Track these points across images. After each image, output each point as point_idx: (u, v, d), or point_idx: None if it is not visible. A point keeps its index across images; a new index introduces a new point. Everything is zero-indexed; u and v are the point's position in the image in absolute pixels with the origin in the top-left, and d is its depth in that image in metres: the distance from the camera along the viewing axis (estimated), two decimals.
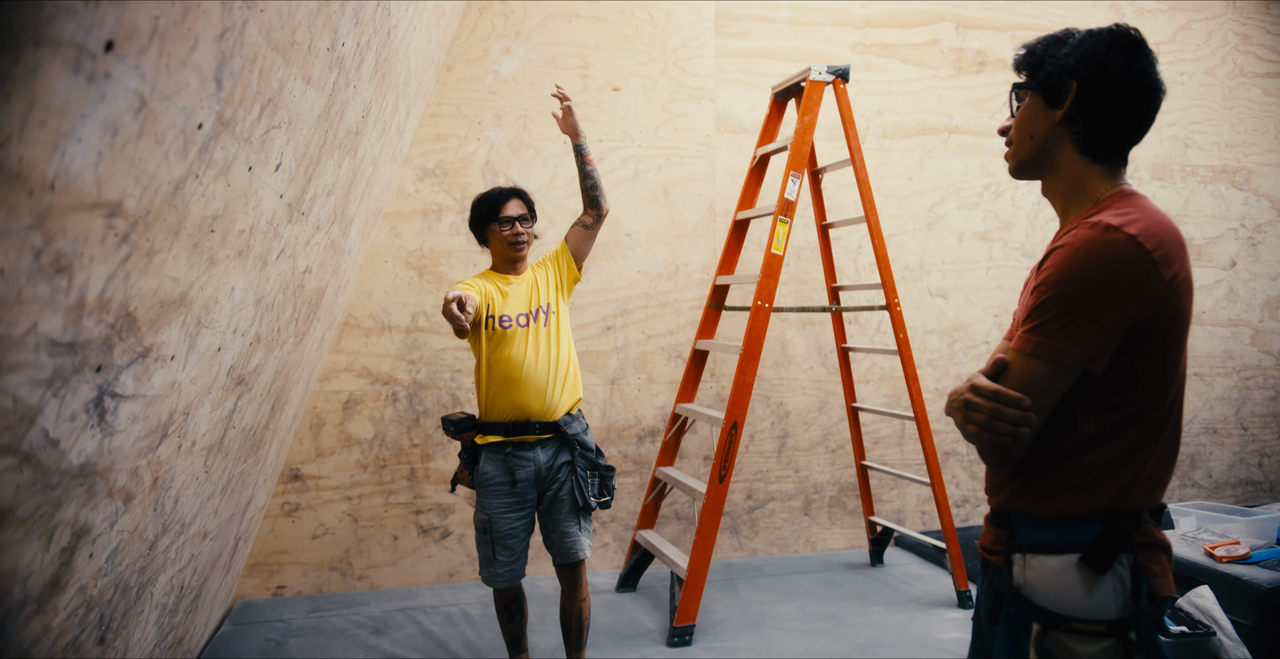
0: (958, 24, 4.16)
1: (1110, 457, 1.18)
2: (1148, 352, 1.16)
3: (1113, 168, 1.26)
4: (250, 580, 3.37)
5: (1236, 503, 4.60)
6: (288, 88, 1.43)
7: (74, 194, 0.84)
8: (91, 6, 0.76)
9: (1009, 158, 1.33)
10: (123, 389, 1.14)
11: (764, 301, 3.04)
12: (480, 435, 2.45)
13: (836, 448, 4.02)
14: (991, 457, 1.20)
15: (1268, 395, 4.67)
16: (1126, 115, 1.22)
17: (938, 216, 4.16)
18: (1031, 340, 1.16)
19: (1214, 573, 2.76)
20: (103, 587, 1.35)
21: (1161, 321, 1.15)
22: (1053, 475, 1.20)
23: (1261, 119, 4.64)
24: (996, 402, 1.14)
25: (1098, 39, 1.23)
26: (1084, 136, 1.24)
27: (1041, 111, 1.26)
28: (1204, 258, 4.57)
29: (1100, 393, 1.17)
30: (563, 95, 2.55)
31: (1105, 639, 1.12)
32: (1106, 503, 1.18)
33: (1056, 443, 1.20)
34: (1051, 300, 1.15)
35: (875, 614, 3.17)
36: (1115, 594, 1.14)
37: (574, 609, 2.51)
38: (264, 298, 1.79)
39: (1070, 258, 1.15)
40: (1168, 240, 1.15)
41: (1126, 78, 1.20)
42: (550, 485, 2.46)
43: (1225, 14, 4.58)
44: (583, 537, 2.47)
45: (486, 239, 2.51)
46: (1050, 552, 1.17)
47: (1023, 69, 1.30)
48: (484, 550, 2.44)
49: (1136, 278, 1.13)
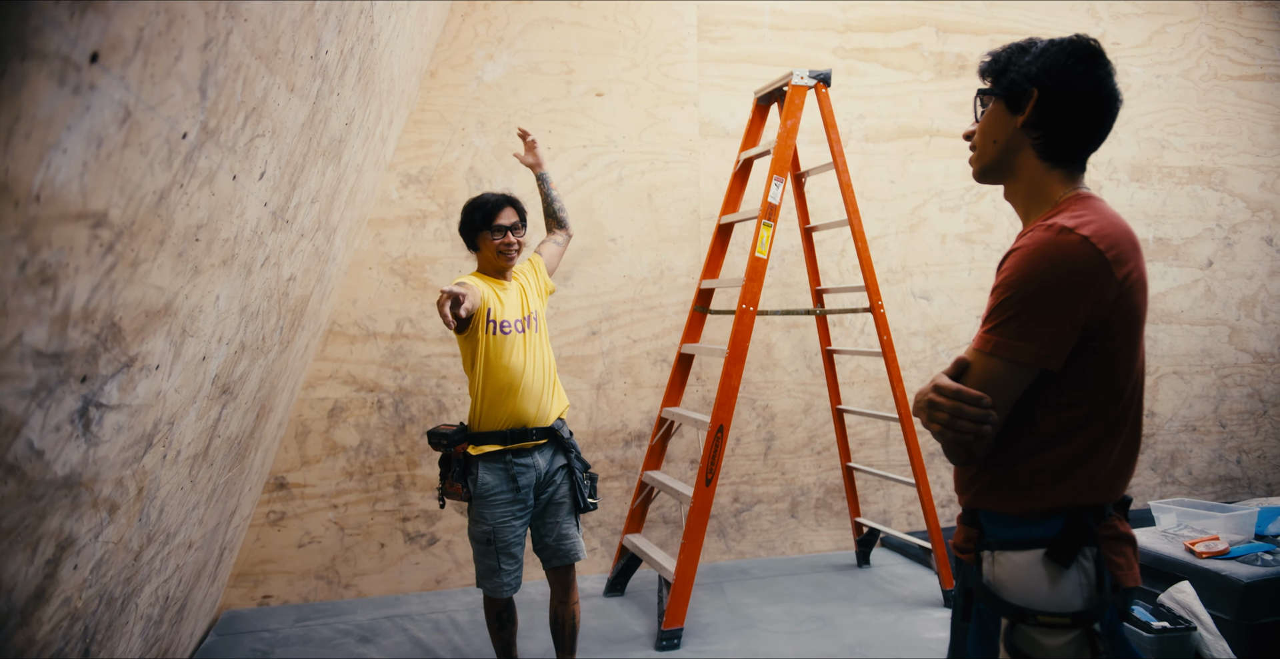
0: (938, 28, 4.21)
1: (1071, 453, 1.21)
2: (1103, 349, 1.20)
3: (1071, 172, 1.30)
4: (236, 590, 3.35)
5: (1216, 499, 4.66)
6: (271, 96, 1.43)
7: (59, 205, 0.84)
8: (77, 19, 0.76)
9: (973, 162, 1.37)
10: (108, 399, 1.13)
11: (748, 305, 3.06)
12: (474, 446, 2.41)
13: (822, 450, 4.05)
14: (955, 454, 1.24)
15: (1245, 393, 4.74)
16: (1084, 122, 1.26)
17: (920, 219, 4.20)
18: (991, 340, 1.20)
19: (1194, 568, 2.80)
20: (87, 598, 1.35)
21: (1115, 320, 1.19)
22: (1017, 473, 1.24)
23: (1235, 121, 4.72)
24: (958, 401, 1.18)
25: (1059, 49, 1.26)
26: (1044, 142, 1.28)
27: (1004, 117, 1.30)
28: (1181, 258, 4.64)
29: (1059, 390, 1.21)
30: (524, 132, 2.74)
31: (1070, 631, 1.15)
32: (1070, 498, 1.21)
33: (1019, 441, 1.24)
34: (1009, 301, 1.19)
35: (862, 615, 3.19)
36: (1080, 587, 1.17)
37: (566, 613, 2.51)
38: (249, 306, 1.79)
39: (1026, 259, 1.19)
40: (1120, 241, 1.19)
41: (1085, 87, 1.25)
42: (547, 488, 2.47)
43: (1199, 18, 4.65)
44: (579, 538, 2.51)
45: (476, 245, 2.50)
46: (1017, 548, 1.21)
47: (987, 76, 1.34)
48: (487, 562, 2.41)
49: (1090, 277, 1.16)
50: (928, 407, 1.21)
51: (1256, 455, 4.77)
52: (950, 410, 1.18)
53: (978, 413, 1.17)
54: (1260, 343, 4.76)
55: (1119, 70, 5.07)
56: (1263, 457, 4.77)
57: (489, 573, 2.42)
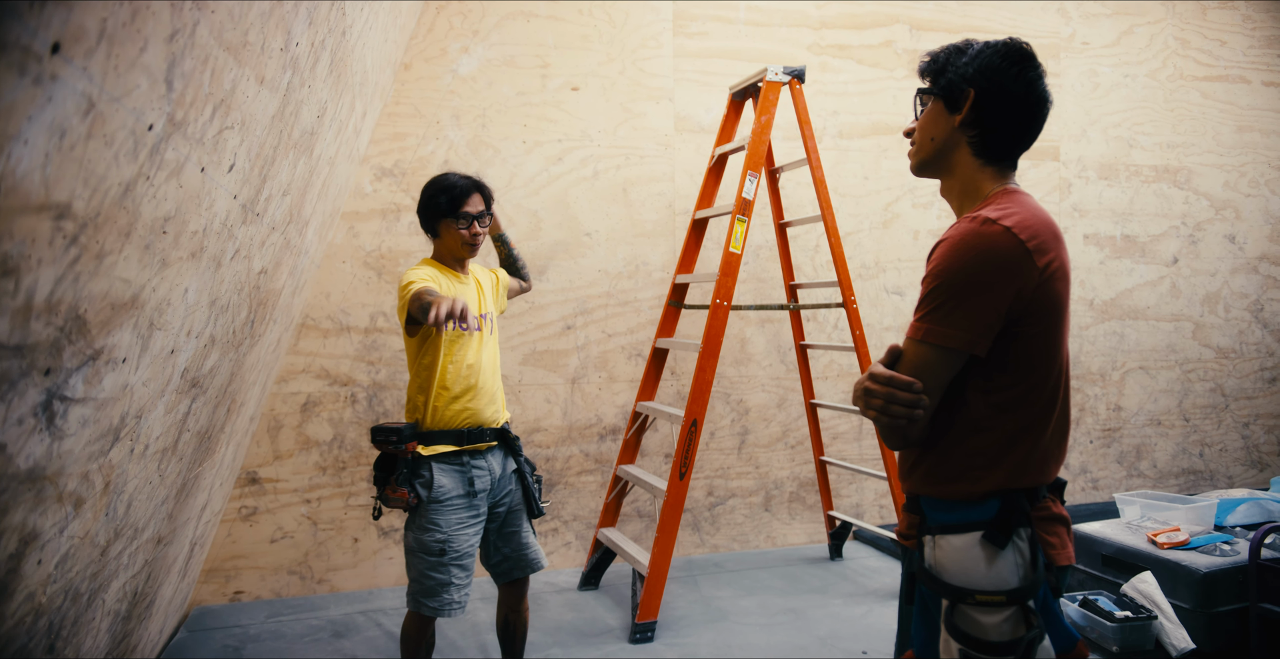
0: (911, 26, 4.24)
1: (1003, 438, 1.27)
2: (1025, 335, 1.25)
3: (1002, 169, 1.35)
4: (207, 586, 3.32)
5: (1180, 491, 4.76)
6: (240, 89, 1.42)
7: (20, 196, 0.83)
8: (37, 8, 0.75)
9: (911, 156, 1.41)
10: (72, 392, 1.12)
11: (723, 300, 3.07)
12: (424, 446, 2.21)
13: (796, 444, 4.08)
14: (891, 438, 1.30)
15: (1208, 388, 4.84)
16: (1017, 122, 1.32)
17: (893, 215, 4.24)
18: (921, 328, 1.25)
19: (1155, 559, 2.86)
20: (52, 594, 1.33)
21: (1037, 307, 1.24)
22: (952, 458, 1.29)
23: (1200, 120, 4.80)
24: (890, 386, 1.23)
25: (994, 51, 1.31)
26: (979, 140, 1.33)
27: (942, 116, 1.35)
28: (1148, 255, 4.72)
29: (987, 375, 1.26)
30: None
31: (1006, 608, 1.20)
32: (1004, 481, 1.26)
33: (954, 427, 1.29)
34: (936, 290, 1.25)
35: (834, 607, 3.23)
36: (1016, 566, 1.22)
37: (519, 621, 2.39)
38: (218, 299, 1.77)
39: (952, 250, 1.24)
40: (1041, 232, 1.24)
41: (1017, 88, 1.30)
42: (503, 495, 2.33)
43: (1166, 19, 4.73)
44: (539, 546, 2.38)
45: (436, 231, 2.32)
46: (956, 531, 1.26)
47: (927, 75, 1.39)
48: (436, 576, 2.16)
49: (1013, 266, 1.21)
50: (864, 394, 1.27)
51: (1218, 448, 4.87)
52: (884, 396, 1.24)
53: (910, 398, 1.22)
54: (1223, 339, 4.86)
55: (1088, 69, 5.13)
56: (1224, 450, 4.88)
57: (438, 589, 2.16)
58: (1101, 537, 3.11)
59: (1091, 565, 3.12)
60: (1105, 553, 3.06)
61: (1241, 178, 4.88)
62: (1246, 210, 4.89)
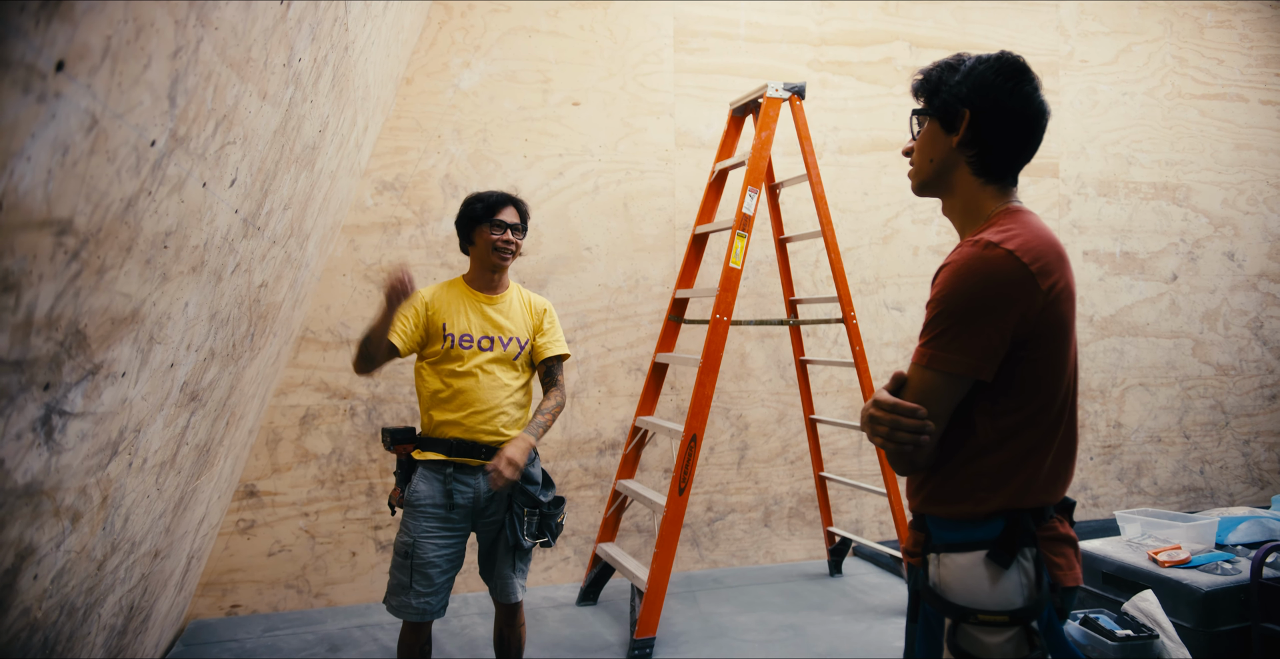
0: (911, 43, 4.27)
1: (1009, 458, 1.25)
2: (1032, 358, 1.24)
3: (1004, 187, 1.33)
4: (203, 600, 3.30)
5: (1180, 509, 4.74)
6: (243, 104, 1.43)
7: (22, 212, 0.83)
8: (42, 27, 0.76)
9: (911, 177, 1.40)
10: (71, 407, 1.12)
11: (722, 315, 3.08)
12: (419, 451, 2.29)
13: (795, 459, 4.07)
14: (898, 464, 1.28)
15: (1208, 404, 4.84)
16: (1016, 139, 1.30)
17: (893, 231, 4.25)
18: (925, 353, 1.25)
19: (1156, 577, 2.85)
20: (48, 609, 1.33)
21: (1043, 330, 1.23)
22: (959, 478, 1.28)
23: (1198, 138, 4.83)
24: (895, 413, 1.22)
25: (987, 67, 1.30)
26: (978, 159, 1.31)
27: (940, 137, 1.33)
28: (1147, 271, 4.73)
29: (993, 399, 1.25)
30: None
31: (1009, 629, 1.19)
32: (1009, 501, 1.25)
33: (960, 448, 1.28)
34: (940, 316, 1.24)
35: (834, 624, 3.21)
36: (1020, 586, 1.21)
37: (514, 636, 2.41)
38: (218, 313, 1.78)
39: (955, 275, 1.24)
40: (1045, 253, 1.23)
41: (1014, 104, 1.28)
42: (489, 519, 2.30)
43: (1164, 37, 4.76)
44: (517, 579, 2.32)
45: (472, 239, 2.34)
46: (960, 549, 1.25)
47: (920, 94, 1.37)
48: (399, 576, 2.20)
49: (1016, 290, 1.20)
50: (869, 420, 1.25)
51: (1219, 466, 4.86)
52: (889, 423, 1.22)
53: (914, 424, 1.21)
54: (1222, 356, 4.86)
55: (1087, 87, 5.15)
56: (1224, 467, 4.87)
57: (397, 589, 2.19)
58: (1102, 554, 3.09)
59: (1092, 583, 3.10)
60: (1106, 571, 3.04)
61: (1240, 195, 4.90)
62: (1245, 228, 4.91)
